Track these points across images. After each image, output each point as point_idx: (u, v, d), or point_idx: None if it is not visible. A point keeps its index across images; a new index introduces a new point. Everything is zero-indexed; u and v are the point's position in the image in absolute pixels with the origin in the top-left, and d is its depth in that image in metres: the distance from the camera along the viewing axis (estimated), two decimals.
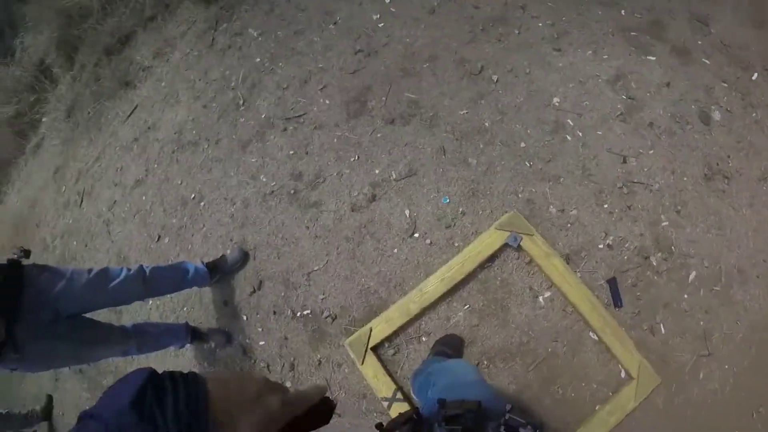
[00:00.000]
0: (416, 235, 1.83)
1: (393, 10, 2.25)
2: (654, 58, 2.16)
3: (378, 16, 2.26)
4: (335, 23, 2.31)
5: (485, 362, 1.67)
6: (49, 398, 2.68)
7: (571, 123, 1.98)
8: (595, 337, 1.70)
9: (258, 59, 2.39)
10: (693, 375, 1.70)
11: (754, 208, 1.90)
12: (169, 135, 2.52)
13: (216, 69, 2.53)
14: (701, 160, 1.96)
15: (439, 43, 2.12)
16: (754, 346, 1.78)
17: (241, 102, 2.30)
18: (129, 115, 2.92)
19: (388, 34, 2.18)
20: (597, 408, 1.64)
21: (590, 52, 2.12)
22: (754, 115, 2.08)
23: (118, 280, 1.54)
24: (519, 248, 1.74)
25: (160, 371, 0.37)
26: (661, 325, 1.76)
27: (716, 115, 2.08)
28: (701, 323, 1.78)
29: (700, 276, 1.81)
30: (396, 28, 2.20)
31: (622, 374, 1.68)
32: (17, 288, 1.33)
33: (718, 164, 1.96)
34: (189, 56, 2.73)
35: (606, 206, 1.87)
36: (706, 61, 2.19)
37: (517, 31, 2.15)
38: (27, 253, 1.43)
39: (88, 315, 1.55)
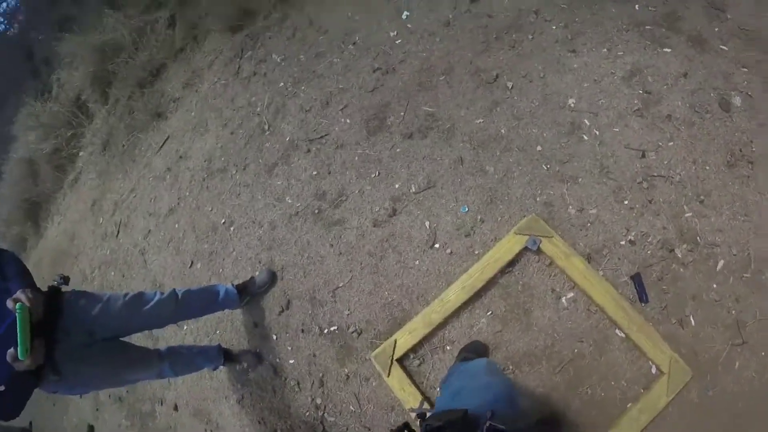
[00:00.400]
0: (437, 245, 2.14)
1: (409, 26, 2.67)
2: (670, 50, 2.38)
3: (395, 33, 2.68)
4: (354, 43, 2.77)
5: (511, 367, 1.92)
6: (90, 428, 3.27)
7: (587, 123, 2.24)
8: (622, 335, 1.90)
9: (281, 84, 2.90)
10: (727, 365, 1.86)
11: None
12: (199, 163, 3.09)
13: (242, 96, 3.08)
14: (723, 148, 2.14)
15: (454, 55, 2.48)
16: None
17: (267, 127, 2.80)
18: (161, 146, 3.59)
19: (405, 51, 2.59)
20: (628, 406, 1.82)
21: (605, 50, 2.39)
22: None
23: (151, 303, 1.91)
24: (539, 251, 1.99)
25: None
26: (691, 317, 1.93)
27: (737, 101, 2.25)
28: (733, 312, 1.93)
29: (729, 264, 1.98)
30: (412, 44, 2.60)
31: (653, 370, 1.86)
32: (57, 313, 1.63)
33: (740, 150, 2.14)
34: (216, 85, 3.33)
35: (626, 202, 2.09)
36: (724, 48, 2.39)
37: (530, 37, 2.46)
38: (66, 280, 1.80)
39: (124, 339, 1.92)
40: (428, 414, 1.02)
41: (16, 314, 1.43)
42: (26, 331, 1.43)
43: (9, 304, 1.46)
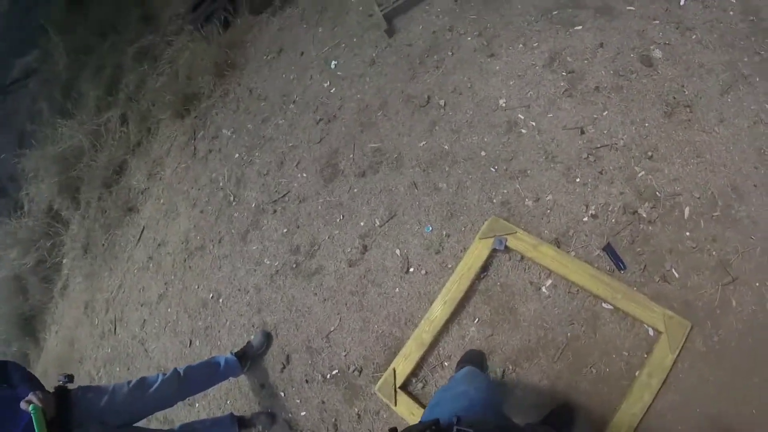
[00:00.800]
0: (411, 269, 2.22)
1: (339, 73, 2.82)
2: (581, 27, 2.53)
3: (328, 83, 2.84)
4: (294, 102, 2.91)
5: (510, 367, 1.96)
6: None
7: (521, 117, 2.37)
8: (610, 307, 1.94)
9: (237, 155, 3.02)
10: (725, 306, 1.87)
11: (725, 123, 2.14)
12: (177, 246, 3.16)
13: (203, 174, 3.18)
14: (657, 101, 2.25)
15: (385, 90, 2.63)
16: None
17: (232, 198, 2.90)
18: (139, 238, 3.66)
19: (340, 97, 2.73)
20: (637, 374, 1.82)
21: (520, 45, 2.55)
22: (693, 37, 2.37)
23: (155, 385, 1.98)
24: (507, 249, 2.08)
25: None
26: (673, 270, 1.96)
27: (657, 54, 2.38)
28: (714, 253, 1.96)
29: (695, 209, 2.03)
30: (346, 89, 2.75)
31: (650, 332, 1.88)
32: (68, 409, 1.70)
33: (674, 98, 2.25)
34: (178, 170, 3.44)
35: (578, 180, 2.18)
36: (631, 8, 2.53)
37: (450, 53, 2.62)
38: (71, 378, 1.85)
39: (140, 424, 1.97)
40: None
41: (32, 415, 1.52)
42: (43, 429, 1.52)
43: (23, 405, 1.55)
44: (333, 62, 2.87)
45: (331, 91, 2.78)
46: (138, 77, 4.48)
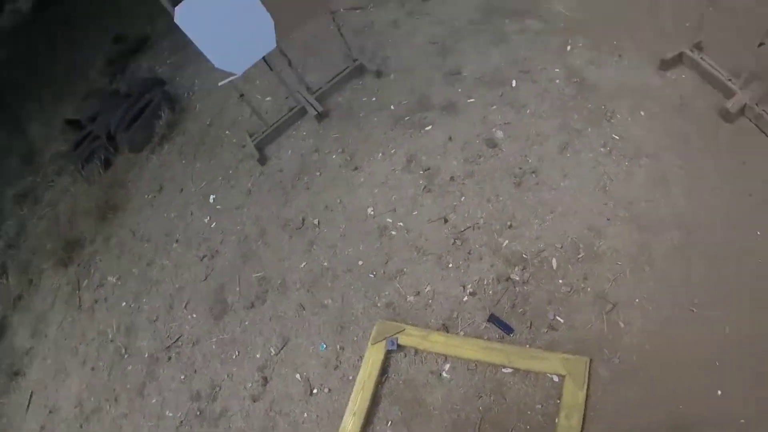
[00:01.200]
0: (315, 390, 2.24)
1: (219, 207, 2.91)
2: (430, 127, 2.89)
3: (208, 218, 2.91)
4: (177, 241, 2.92)
5: None
6: None
7: (390, 220, 2.60)
8: (510, 370, 2.06)
9: (124, 303, 2.91)
10: (614, 330, 2.06)
11: (568, 176, 2.49)
12: (71, 412, 2.85)
13: (91, 328, 2.99)
14: (506, 175, 2.58)
15: (262, 218, 2.76)
16: (647, 266, 2.22)
17: (123, 350, 2.75)
18: (28, 407, 3.27)
19: (221, 231, 2.81)
20: (556, 421, 1.92)
21: (380, 154, 2.84)
22: (528, 111, 2.81)
23: None
24: (400, 347, 2.18)
25: None
26: (557, 318, 2.15)
27: (499, 134, 2.76)
28: (589, 290, 2.18)
29: (561, 258, 2.29)
30: (226, 222, 2.83)
31: (555, 379, 2.00)
32: None
33: (520, 168, 2.59)
34: (63, 324, 3.20)
35: (451, 265, 2.38)
36: (472, 100, 2.95)
37: (318, 173, 2.85)
38: None
39: None
40: None
41: None
42: None
43: None
44: (212, 196, 2.97)
45: (212, 225, 2.86)
46: (18, 222, 4.23)
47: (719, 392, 2.00)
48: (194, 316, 2.61)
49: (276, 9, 2.68)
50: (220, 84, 2.69)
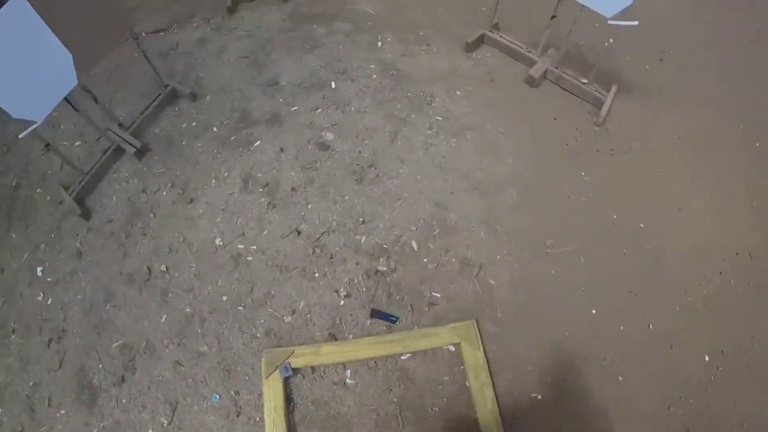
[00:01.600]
0: None
1: (50, 279, 2.51)
2: (259, 142, 2.78)
3: (42, 295, 2.49)
4: (14, 331, 2.47)
5: None
6: None
7: (241, 247, 2.47)
8: (408, 355, 2.19)
9: None
10: (487, 289, 2.31)
11: (405, 163, 2.72)
12: None
13: None
14: (346, 174, 2.63)
15: (103, 278, 2.45)
16: (497, 225, 2.49)
17: None
18: None
19: (61, 306, 2.44)
20: (467, 384, 2.11)
21: (213, 180, 2.65)
22: (352, 109, 2.95)
23: None
24: (296, 371, 2.15)
25: None
26: (433, 294, 2.32)
27: (329, 136, 2.79)
28: (453, 260, 2.39)
29: (420, 239, 2.45)
30: (63, 294, 2.46)
31: (452, 348, 2.19)
32: None
33: (358, 164, 2.67)
34: None
35: (317, 275, 2.38)
36: (295, 108, 2.93)
37: (152, 215, 2.57)
38: None
39: None
40: None
41: None
42: None
43: None
44: (38, 269, 2.54)
45: (48, 302, 2.47)
46: None
47: (594, 311, 2.32)
48: (62, 412, 2.28)
49: (72, 42, 2.30)
50: (20, 136, 2.25)
